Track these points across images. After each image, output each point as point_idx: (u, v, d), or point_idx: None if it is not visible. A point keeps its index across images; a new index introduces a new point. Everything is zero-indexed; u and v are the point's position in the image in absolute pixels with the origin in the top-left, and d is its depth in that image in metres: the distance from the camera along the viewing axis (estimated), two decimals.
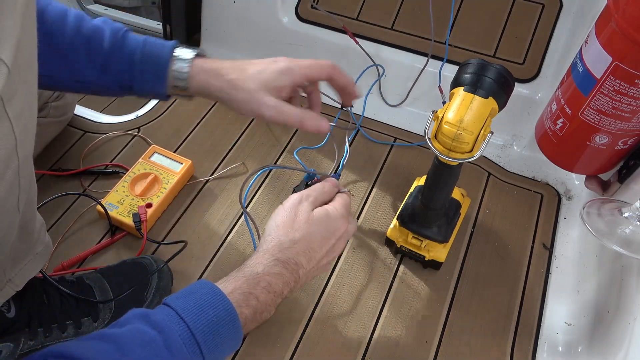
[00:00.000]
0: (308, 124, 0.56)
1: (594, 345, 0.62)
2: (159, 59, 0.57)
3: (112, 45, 0.56)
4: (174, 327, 0.40)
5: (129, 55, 0.56)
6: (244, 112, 0.56)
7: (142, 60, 0.56)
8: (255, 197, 0.81)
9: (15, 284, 0.52)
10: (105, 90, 0.59)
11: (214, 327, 0.42)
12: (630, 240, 0.54)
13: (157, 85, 0.57)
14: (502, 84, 0.55)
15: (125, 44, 0.57)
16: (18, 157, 0.40)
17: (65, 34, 0.55)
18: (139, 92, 0.59)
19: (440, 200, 0.65)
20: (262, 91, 0.55)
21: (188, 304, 0.42)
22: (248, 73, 0.56)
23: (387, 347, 0.66)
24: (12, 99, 0.36)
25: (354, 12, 0.97)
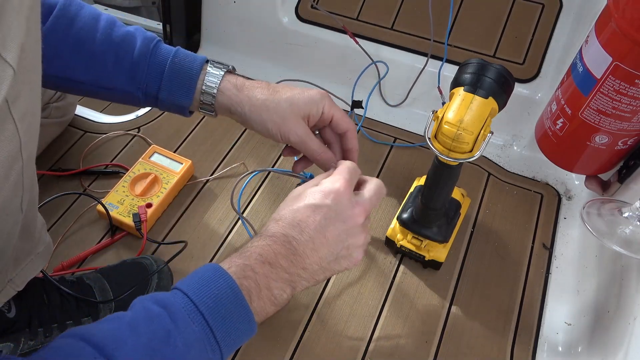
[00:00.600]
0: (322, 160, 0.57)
1: (594, 345, 0.62)
2: (189, 70, 0.56)
3: (143, 53, 0.56)
4: (177, 301, 0.41)
5: (159, 64, 0.56)
6: (269, 132, 0.56)
7: (172, 70, 0.56)
8: (254, 198, 0.81)
9: (16, 284, 0.52)
10: (130, 98, 0.58)
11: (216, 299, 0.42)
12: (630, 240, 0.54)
13: (184, 97, 0.57)
14: (502, 84, 0.55)
15: (156, 53, 0.56)
16: (22, 158, 0.40)
17: (96, 39, 0.55)
18: (164, 103, 0.58)
19: (440, 200, 0.65)
20: (294, 116, 0.55)
21: (191, 282, 0.43)
22: (281, 95, 0.56)
23: (387, 347, 0.66)
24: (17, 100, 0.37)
25: (354, 12, 0.97)
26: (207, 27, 1.06)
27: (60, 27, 0.54)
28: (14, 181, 0.41)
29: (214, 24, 1.05)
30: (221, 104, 0.57)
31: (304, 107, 0.55)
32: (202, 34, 1.07)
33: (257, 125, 0.56)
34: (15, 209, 0.44)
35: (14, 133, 0.38)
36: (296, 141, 0.56)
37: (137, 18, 1.19)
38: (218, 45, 1.06)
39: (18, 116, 0.37)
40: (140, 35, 0.57)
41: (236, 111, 0.57)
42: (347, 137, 0.59)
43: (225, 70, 0.57)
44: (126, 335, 0.38)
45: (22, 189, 0.43)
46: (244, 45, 1.04)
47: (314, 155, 0.57)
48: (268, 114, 0.55)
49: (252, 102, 0.56)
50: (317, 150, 0.56)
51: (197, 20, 1.05)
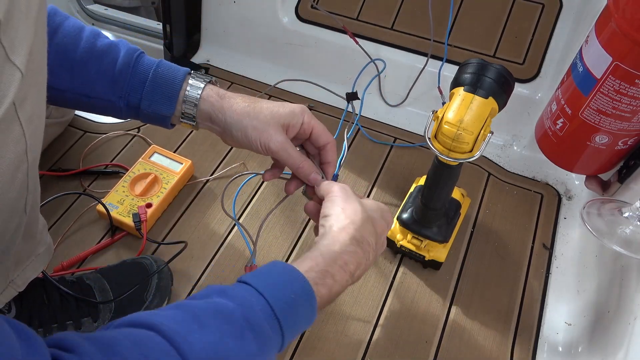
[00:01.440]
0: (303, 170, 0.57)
1: (594, 345, 0.62)
2: (172, 80, 0.56)
3: (126, 63, 0.56)
4: (254, 301, 0.40)
5: (142, 74, 0.56)
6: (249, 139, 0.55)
7: (154, 80, 0.56)
8: (255, 196, 0.81)
9: (17, 285, 0.52)
10: (112, 107, 0.58)
11: (292, 303, 0.41)
12: (630, 240, 0.54)
13: (165, 107, 0.57)
14: (502, 84, 0.55)
15: (139, 63, 0.56)
16: (28, 160, 0.41)
17: (78, 47, 0.55)
18: (146, 113, 0.58)
19: (440, 200, 0.65)
20: (274, 124, 0.55)
21: (266, 282, 0.42)
22: (262, 105, 0.56)
23: (387, 347, 0.66)
24: (24, 103, 0.37)
25: (354, 12, 0.97)
26: (207, 27, 1.06)
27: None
28: (20, 183, 0.41)
29: (214, 24, 1.05)
30: (202, 112, 0.57)
31: (284, 117, 0.56)
32: (202, 34, 1.06)
33: (237, 132, 0.56)
34: (20, 211, 0.44)
35: (21, 135, 0.38)
36: (276, 149, 0.55)
37: (137, 18, 1.19)
38: (218, 45, 1.06)
39: (25, 118, 0.37)
40: (123, 47, 0.57)
41: (217, 118, 0.56)
42: (327, 150, 0.59)
43: (207, 81, 0.57)
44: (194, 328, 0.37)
45: (27, 191, 0.43)
46: (244, 45, 1.04)
47: (295, 164, 0.56)
48: (249, 120, 0.55)
49: (233, 109, 0.56)
50: (298, 159, 0.56)
51: (197, 20, 1.05)
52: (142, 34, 1.17)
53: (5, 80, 0.34)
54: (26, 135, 0.38)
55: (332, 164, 0.59)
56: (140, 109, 0.57)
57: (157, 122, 0.59)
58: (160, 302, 0.67)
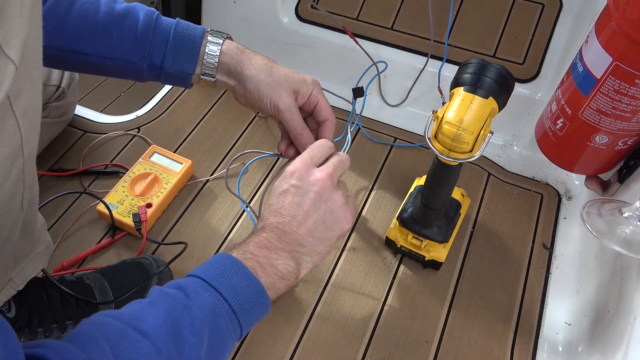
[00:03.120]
0: (303, 138, 0.59)
1: (594, 345, 0.62)
2: (193, 38, 0.58)
3: (146, 23, 0.57)
4: (190, 281, 0.45)
5: (163, 34, 0.58)
6: (260, 95, 0.58)
7: (175, 38, 0.58)
8: (255, 196, 0.81)
9: (16, 284, 0.52)
10: (134, 69, 0.59)
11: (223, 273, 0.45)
12: (630, 240, 0.54)
13: (188, 63, 0.59)
14: (502, 84, 0.55)
15: (159, 24, 0.58)
16: (23, 155, 0.41)
17: (99, 12, 0.56)
18: (168, 72, 0.59)
19: (440, 200, 0.65)
20: (287, 86, 0.58)
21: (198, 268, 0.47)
22: (278, 67, 0.59)
23: (387, 346, 0.66)
24: (19, 96, 0.37)
25: (354, 12, 0.97)
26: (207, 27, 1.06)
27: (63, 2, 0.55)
28: (15, 178, 0.41)
29: (214, 24, 1.05)
30: (222, 65, 0.59)
31: (297, 83, 0.59)
32: None
33: (251, 85, 0.58)
34: (16, 207, 0.44)
35: (16, 129, 0.38)
36: (284, 109, 0.58)
37: None
38: None
39: (20, 112, 0.37)
40: (141, 9, 0.59)
41: (235, 71, 0.59)
42: (325, 126, 0.61)
43: (225, 37, 0.60)
44: (147, 311, 0.41)
45: (23, 186, 0.43)
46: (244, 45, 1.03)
47: (296, 129, 0.59)
48: (264, 77, 0.58)
49: (252, 62, 0.59)
50: (301, 125, 0.59)
51: (197, 20, 1.05)
52: None
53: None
54: (21, 129, 0.38)
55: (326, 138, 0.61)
56: (163, 68, 0.59)
57: (177, 81, 0.61)
58: None
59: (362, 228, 0.78)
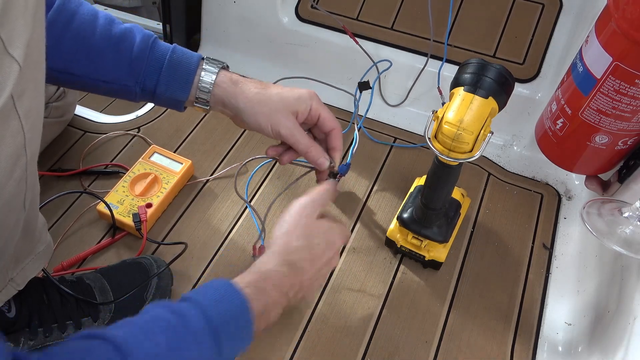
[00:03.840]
0: (311, 155, 0.60)
1: (594, 345, 0.62)
2: (187, 65, 0.58)
3: (142, 49, 0.57)
4: (193, 313, 0.42)
5: (158, 60, 0.58)
6: (260, 125, 0.58)
7: (170, 66, 0.58)
8: (255, 196, 0.81)
9: (17, 284, 0.52)
10: (127, 91, 0.59)
11: (228, 316, 0.43)
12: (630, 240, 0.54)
13: (181, 91, 0.58)
14: (502, 84, 0.55)
15: (155, 49, 0.58)
16: (26, 154, 0.41)
17: (95, 34, 0.56)
18: (160, 97, 0.59)
19: (440, 200, 0.65)
20: (284, 110, 0.58)
21: (205, 296, 0.44)
22: (272, 91, 0.59)
23: (387, 347, 0.66)
24: (22, 96, 0.37)
25: (354, 12, 0.97)
26: (207, 27, 1.06)
27: (60, 21, 0.55)
28: (18, 177, 0.41)
29: (214, 24, 1.05)
30: (216, 97, 0.59)
31: (293, 103, 0.58)
32: (202, 34, 1.07)
33: (248, 117, 0.58)
34: (19, 206, 0.44)
35: (19, 129, 0.38)
36: (286, 134, 0.58)
37: (137, 18, 1.19)
38: (218, 45, 1.06)
39: (23, 112, 0.37)
40: (139, 32, 0.58)
41: (230, 104, 0.58)
42: (332, 135, 0.61)
43: (220, 67, 0.59)
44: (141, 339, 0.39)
45: (26, 186, 0.43)
46: (244, 45, 1.04)
47: (303, 149, 0.59)
48: (260, 107, 0.57)
49: (245, 95, 0.58)
50: (307, 144, 0.59)
51: (197, 20, 1.05)
52: None
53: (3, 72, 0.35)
54: (24, 129, 0.39)
55: (337, 149, 0.62)
56: (156, 93, 0.59)
57: (170, 106, 0.61)
58: None
59: (362, 228, 0.78)
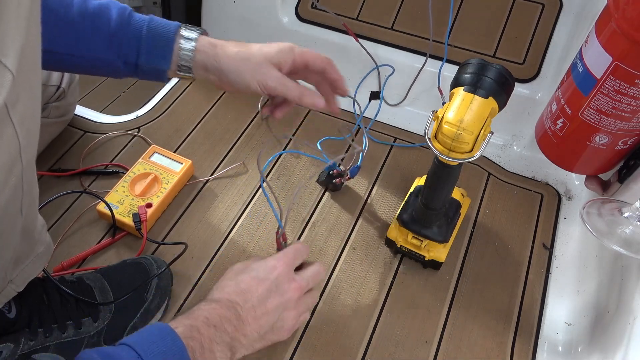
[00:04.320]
0: (306, 99, 0.60)
1: (594, 345, 0.62)
2: (166, 34, 0.58)
3: (119, 21, 0.57)
4: (125, 356, 0.42)
5: (136, 31, 0.58)
6: (246, 82, 0.58)
7: (149, 35, 0.58)
8: (255, 196, 0.81)
9: (17, 285, 0.52)
10: (111, 67, 0.59)
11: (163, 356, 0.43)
12: (630, 240, 0.54)
13: (162, 60, 0.58)
14: (502, 84, 0.55)
15: (132, 21, 0.58)
16: (22, 162, 0.40)
17: (72, 10, 0.56)
18: (143, 69, 0.59)
19: (440, 200, 0.65)
20: (267, 63, 0.59)
21: (139, 339, 0.44)
22: (253, 48, 0.60)
23: (387, 347, 0.66)
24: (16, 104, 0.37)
25: (354, 12, 0.97)
26: (207, 27, 1.05)
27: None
28: (14, 185, 0.41)
29: (214, 24, 1.05)
30: (198, 62, 0.59)
31: (275, 55, 0.59)
32: None
33: (234, 76, 0.58)
34: (15, 212, 0.44)
35: (14, 137, 0.38)
36: (275, 85, 0.58)
37: None
38: None
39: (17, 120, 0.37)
40: (114, 6, 0.58)
41: (212, 66, 0.59)
42: (328, 72, 0.62)
43: (199, 33, 0.59)
44: None
45: (22, 192, 0.43)
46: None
47: (296, 95, 0.59)
48: (243, 64, 0.58)
49: (227, 54, 0.58)
50: (298, 89, 0.59)
51: (197, 20, 1.05)
52: None
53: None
54: (19, 137, 0.38)
55: (339, 79, 0.63)
56: (138, 65, 0.58)
57: (154, 77, 0.61)
58: (160, 302, 0.67)
59: (362, 228, 0.78)
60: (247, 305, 0.50)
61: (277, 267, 0.54)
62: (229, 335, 0.48)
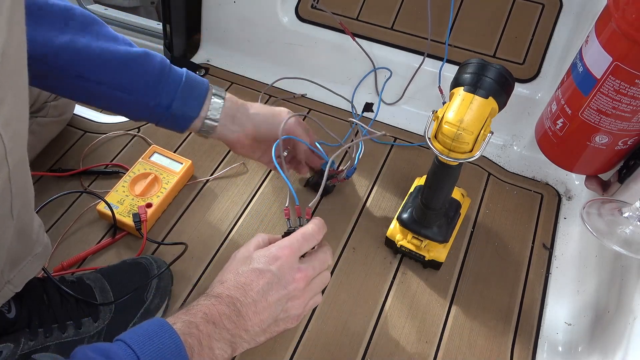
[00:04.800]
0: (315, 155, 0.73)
1: (594, 345, 0.62)
2: (201, 83, 0.64)
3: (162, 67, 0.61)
4: (121, 353, 0.41)
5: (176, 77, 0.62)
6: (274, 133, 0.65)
7: (186, 84, 0.62)
8: (255, 196, 0.81)
9: (14, 285, 0.52)
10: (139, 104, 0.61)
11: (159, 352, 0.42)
12: (630, 240, 0.54)
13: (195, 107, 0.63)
14: (502, 84, 0.55)
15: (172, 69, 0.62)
16: (8, 164, 0.40)
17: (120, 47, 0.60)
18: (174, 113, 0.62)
19: (440, 200, 0.65)
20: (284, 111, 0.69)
21: (135, 335, 0.43)
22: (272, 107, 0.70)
23: (387, 347, 0.66)
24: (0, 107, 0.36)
25: (354, 12, 0.97)
26: (207, 27, 1.06)
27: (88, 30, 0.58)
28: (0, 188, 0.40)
29: (214, 24, 1.05)
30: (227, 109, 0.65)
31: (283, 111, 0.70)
32: (202, 34, 1.06)
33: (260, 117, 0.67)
34: (4, 216, 0.43)
35: None
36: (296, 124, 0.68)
37: (136, 18, 1.19)
38: (218, 45, 1.06)
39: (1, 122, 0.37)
40: (156, 54, 0.62)
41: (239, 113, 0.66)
42: None
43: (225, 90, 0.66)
44: None
45: (11, 196, 0.42)
46: (244, 45, 1.04)
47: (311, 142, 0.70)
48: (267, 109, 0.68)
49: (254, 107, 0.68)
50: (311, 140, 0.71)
51: (197, 20, 1.05)
52: (142, 33, 1.17)
53: None
54: (4, 140, 0.38)
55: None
56: (172, 108, 0.62)
57: (175, 125, 0.64)
58: (160, 302, 0.67)
59: (362, 228, 0.78)
60: (247, 300, 0.48)
61: (280, 257, 0.50)
62: (228, 332, 0.47)
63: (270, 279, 0.49)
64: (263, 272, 0.50)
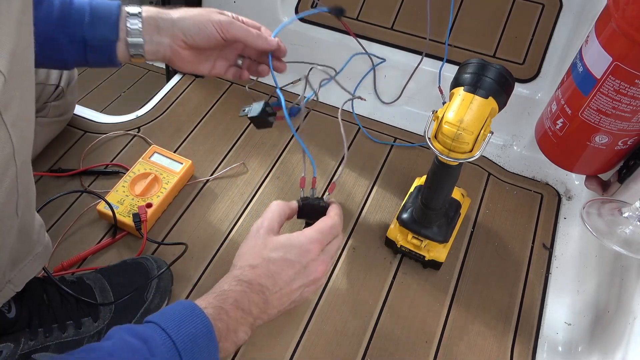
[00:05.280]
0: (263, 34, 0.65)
1: (594, 345, 0.62)
2: (109, 7, 0.58)
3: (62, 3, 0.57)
4: (157, 337, 0.42)
5: (79, 10, 0.57)
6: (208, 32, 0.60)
7: (92, 12, 0.57)
8: (255, 196, 0.81)
9: (15, 285, 0.52)
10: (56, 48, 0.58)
11: (192, 337, 0.43)
12: (630, 240, 0.54)
13: (110, 32, 0.58)
14: (502, 84, 0.55)
15: (73, 2, 0.57)
16: (16, 164, 0.40)
17: None
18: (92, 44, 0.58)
19: (440, 200, 0.65)
20: (217, 13, 0.62)
21: (169, 318, 0.44)
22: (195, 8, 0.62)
23: (387, 347, 0.66)
24: (9, 106, 0.37)
25: (354, 12, 0.97)
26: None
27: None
28: (8, 187, 0.41)
29: None
30: (148, 19, 0.59)
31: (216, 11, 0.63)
32: None
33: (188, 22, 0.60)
34: (10, 214, 0.44)
35: (7, 139, 0.38)
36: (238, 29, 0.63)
37: None
38: None
39: (10, 122, 0.37)
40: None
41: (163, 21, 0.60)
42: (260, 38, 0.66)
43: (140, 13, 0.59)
44: None
45: (17, 194, 0.43)
46: None
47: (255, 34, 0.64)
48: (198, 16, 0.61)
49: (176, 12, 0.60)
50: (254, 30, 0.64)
51: None
52: None
53: None
54: (13, 139, 0.38)
55: None
56: (86, 41, 0.57)
57: (104, 57, 0.60)
58: (160, 302, 0.67)
59: (362, 228, 0.78)
60: (275, 289, 0.50)
61: (311, 251, 0.52)
62: (252, 317, 0.49)
63: (299, 270, 0.52)
64: (294, 263, 0.51)
